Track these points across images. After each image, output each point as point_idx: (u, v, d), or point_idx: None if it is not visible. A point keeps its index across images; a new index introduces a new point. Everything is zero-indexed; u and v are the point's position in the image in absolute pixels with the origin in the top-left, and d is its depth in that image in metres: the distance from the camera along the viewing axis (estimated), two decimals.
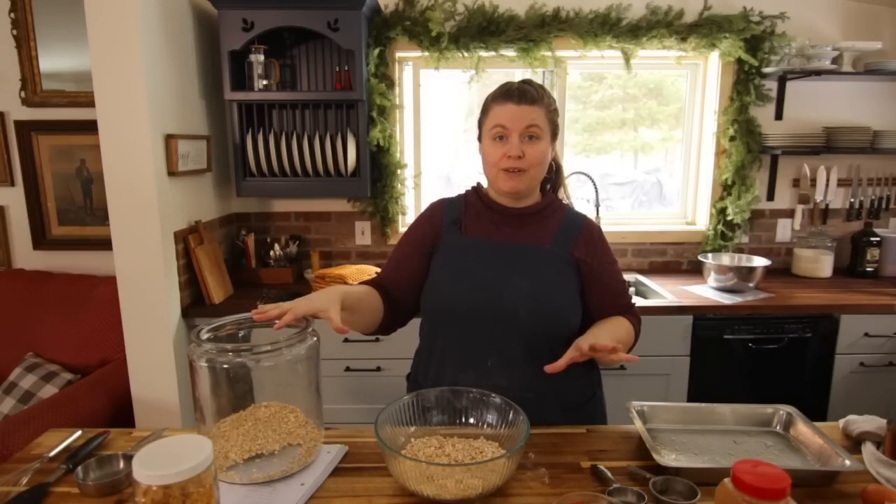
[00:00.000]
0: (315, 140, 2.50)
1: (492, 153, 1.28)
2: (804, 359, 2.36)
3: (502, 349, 1.25)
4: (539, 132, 1.25)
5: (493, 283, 1.26)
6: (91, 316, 2.50)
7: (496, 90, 1.30)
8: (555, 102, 1.32)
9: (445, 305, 1.29)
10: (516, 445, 0.99)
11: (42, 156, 2.70)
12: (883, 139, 2.63)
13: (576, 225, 1.35)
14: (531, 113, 1.25)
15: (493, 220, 1.34)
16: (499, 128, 1.26)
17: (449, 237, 1.35)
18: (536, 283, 1.26)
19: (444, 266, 1.32)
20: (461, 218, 1.36)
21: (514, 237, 1.32)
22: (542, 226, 1.33)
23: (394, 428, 1.11)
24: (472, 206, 1.38)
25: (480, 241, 1.32)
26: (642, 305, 2.36)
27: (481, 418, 1.14)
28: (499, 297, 1.25)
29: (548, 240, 1.31)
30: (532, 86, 1.27)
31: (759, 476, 0.76)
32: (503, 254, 1.30)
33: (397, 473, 0.98)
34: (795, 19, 2.65)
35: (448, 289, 1.29)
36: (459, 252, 1.32)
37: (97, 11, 1.95)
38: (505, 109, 1.26)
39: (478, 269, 1.28)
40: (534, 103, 1.25)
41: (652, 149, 3.05)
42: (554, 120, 1.30)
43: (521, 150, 1.25)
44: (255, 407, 1.12)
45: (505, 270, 1.27)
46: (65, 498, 1.01)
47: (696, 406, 1.27)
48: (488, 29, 2.60)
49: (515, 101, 1.25)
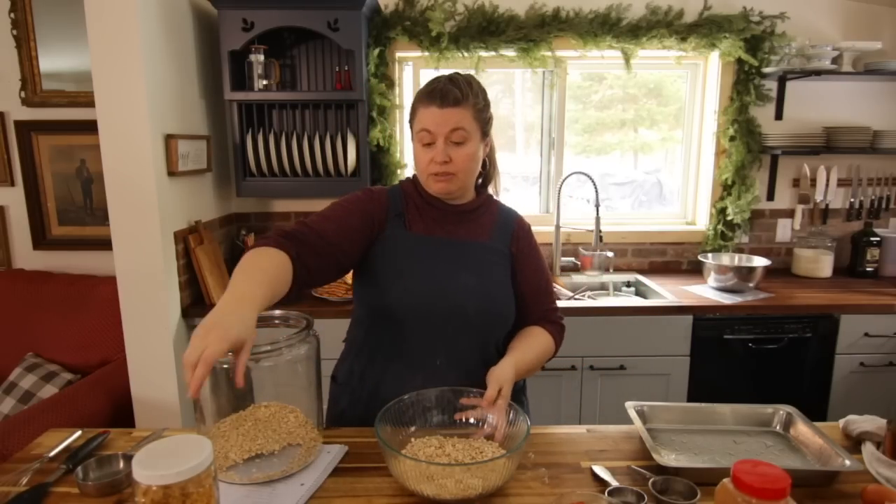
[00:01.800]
0: (315, 140, 2.50)
1: (420, 158, 1.25)
2: (804, 359, 2.36)
3: (451, 348, 1.24)
4: (465, 135, 1.21)
5: (441, 280, 1.24)
6: (91, 316, 2.50)
7: (422, 89, 1.24)
8: (484, 96, 1.26)
9: (391, 303, 1.23)
10: (516, 445, 0.99)
11: (42, 156, 2.70)
12: (883, 139, 2.63)
13: (510, 220, 1.36)
14: (455, 115, 1.19)
15: (434, 217, 1.31)
16: (424, 132, 1.22)
17: (392, 231, 1.28)
18: (483, 281, 1.26)
19: (389, 262, 1.26)
20: (404, 213, 1.31)
21: (456, 234, 1.30)
22: (481, 222, 1.33)
23: (394, 428, 1.11)
24: (412, 200, 1.32)
25: (425, 238, 1.29)
26: (642, 305, 2.36)
27: (481, 418, 1.14)
28: (447, 295, 1.23)
29: (487, 236, 1.32)
30: (457, 84, 1.21)
31: (759, 476, 0.76)
32: (448, 251, 1.28)
33: (397, 473, 0.98)
34: (795, 19, 2.65)
35: (394, 286, 1.24)
36: (404, 248, 1.28)
37: (97, 11, 1.95)
38: (429, 113, 1.20)
39: (424, 267, 1.26)
40: (458, 104, 1.19)
41: (652, 149, 3.05)
42: (483, 117, 1.25)
43: (448, 155, 1.21)
44: (255, 407, 1.12)
45: (452, 268, 1.26)
46: (65, 498, 1.01)
47: (696, 406, 1.27)
48: (488, 29, 2.60)
49: (438, 103, 1.19)
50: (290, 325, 1.17)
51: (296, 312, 1.17)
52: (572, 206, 3.01)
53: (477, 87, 1.25)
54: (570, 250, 2.87)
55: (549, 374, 2.28)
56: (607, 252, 2.74)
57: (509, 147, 3.02)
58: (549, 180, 2.95)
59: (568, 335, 1.37)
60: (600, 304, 2.39)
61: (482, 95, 1.26)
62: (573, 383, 2.31)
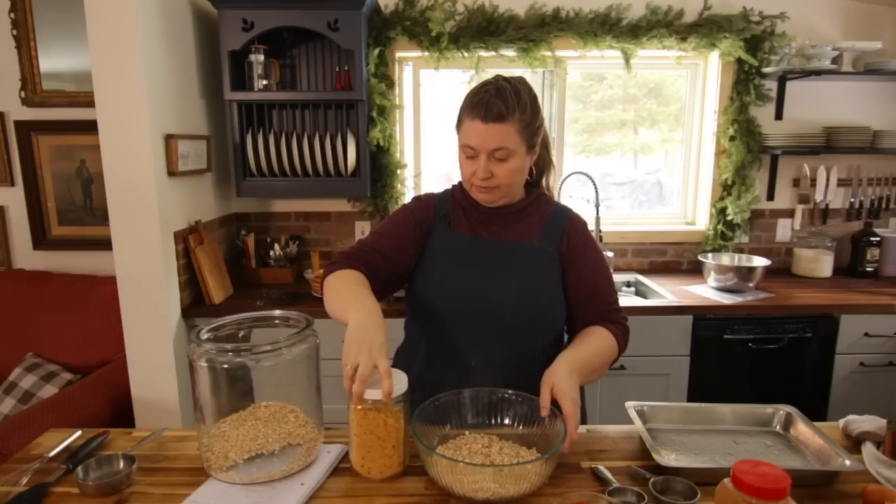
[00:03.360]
0: (315, 140, 2.50)
1: (464, 168, 1.25)
2: (804, 359, 2.36)
3: (486, 349, 1.24)
4: (508, 153, 1.19)
5: (480, 282, 1.25)
6: (91, 316, 2.50)
7: (469, 97, 1.22)
8: (533, 105, 1.22)
9: (429, 302, 1.27)
10: (552, 450, 0.98)
11: (42, 156, 2.70)
12: (883, 139, 2.63)
13: (562, 219, 1.32)
14: (500, 133, 1.17)
15: (478, 219, 1.32)
16: (468, 147, 1.21)
17: (438, 232, 1.32)
18: (523, 283, 1.25)
19: (433, 263, 1.30)
20: (449, 214, 1.34)
21: (502, 235, 1.30)
22: (529, 222, 1.31)
23: (435, 425, 1.12)
24: (458, 202, 1.35)
25: (468, 239, 1.30)
26: (642, 305, 2.36)
27: (517, 418, 1.15)
28: (485, 297, 1.23)
29: (535, 236, 1.30)
30: (503, 97, 1.17)
31: (759, 476, 0.76)
32: (490, 252, 1.28)
33: (432, 469, 0.99)
34: (795, 19, 2.65)
35: (435, 287, 1.27)
36: (447, 249, 1.30)
37: (97, 11, 1.95)
38: (473, 127, 1.18)
39: (465, 268, 1.27)
40: (502, 120, 1.16)
41: (652, 150, 3.05)
42: (530, 130, 1.22)
43: (490, 171, 1.20)
44: (255, 407, 1.12)
45: (492, 270, 1.26)
46: (65, 498, 1.01)
47: (696, 406, 1.27)
48: (488, 29, 2.60)
49: (482, 118, 1.17)
50: (291, 325, 1.17)
51: (296, 312, 1.17)
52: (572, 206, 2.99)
53: (526, 97, 1.21)
54: None
55: None
56: (607, 252, 2.74)
57: None
58: None
59: None
60: None
61: (530, 105, 1.21)
62: None
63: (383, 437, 1.02)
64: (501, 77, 1.23)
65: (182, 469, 1.09)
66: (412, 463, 1.10)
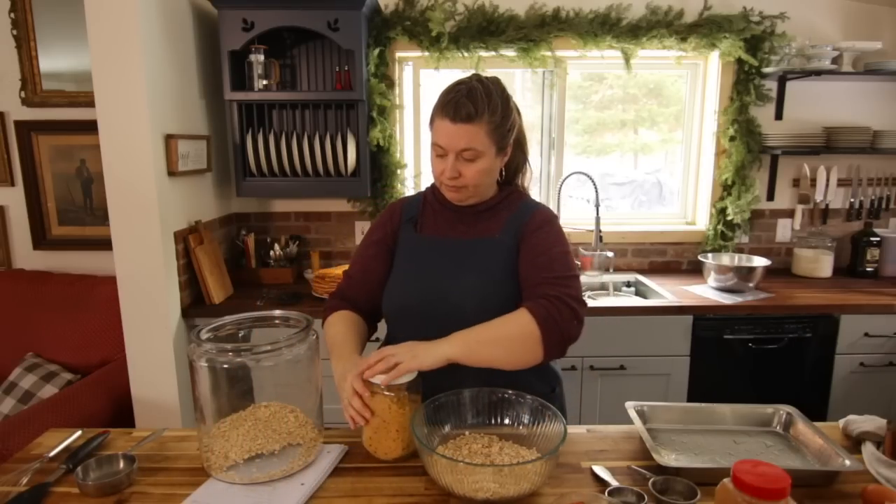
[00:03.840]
0: (315, 140, 2.50)
1: (434, 166, 1.26)
2: (804, 359, 2.36)
3: None
4: (476, 154, 1.19)
5: (442, 282, 1.25)
6: (91, 316, 2.50)
7: (441, 97, 1.21)
8: (504, 107, 1.21)
9: (399, 305, 1.28)
10: (552, 449, 0.98)
11: (42, 156, 2.70)
12: (883, 139, 2.63)
13: (527, 212, 1.30)
14: (468, 134, 1.17)
15: (448, 219, 1.33)
16: (437, 146, 1.22)
17: (404, 235, 1.34)
18: (485, 279, 1.24)
19: (398, 265, 1.32)
20: (417, 216, 1.35)
21: (467, 234, 1.30)
22: (496, 219, 1.31)
23: (430, 426, 1.11)
24: (429, 204, 1.36)
25: (433, 239, 1.31)
26: (642, 305, 2.36)
27: (517, 419, 1.15)
28: (447, 295, 1.23)
29: (497, 230, 1.30)
30: (473, 98, 1.17)
31: (759, 476, 0.76)
32: (454, 251, 1.29)
33: (432, 469, 0.99)
34: (795, 19, 2.65)
35: (400, 289, 1.29)
36: (412, 251, 1.32)
37: (97, 11, 1.95)
38: (443, 126, 1.19)
39: (428, 268, 1.28)
40: (471, 121, 1.16)
41: (652, 150, 3.05)
42: (500, 132, 1.21)
43: (458, 171, 1.21)
44: (255, 407, 1.12)
45: (454, 268, 1.26)
46: (65, 498, 1.01)
47: (696, 406, 1.27)
48: (488, 29, 2.60)
49: (451, 118, 1.17)
50: (291, 325, 1.17)
51: (296, 312, 1.18)
52: (572, 206, 3.01)
53: (497, 98, 1.20)
54: (571, 250, 2.86)
55: None
56: (607, 252, 2.74)
57: None
58: (549, 180, 2.95)
59: None
60: (600, 304, 2.39)
61: (502, 107, 1.21)
62: (573, 383, 2.31)
63: (388, 420, 1.08)
64: (476, 77, 1.23)
65: (182, 469, 1.10)
66: (412, 463, 1.10)
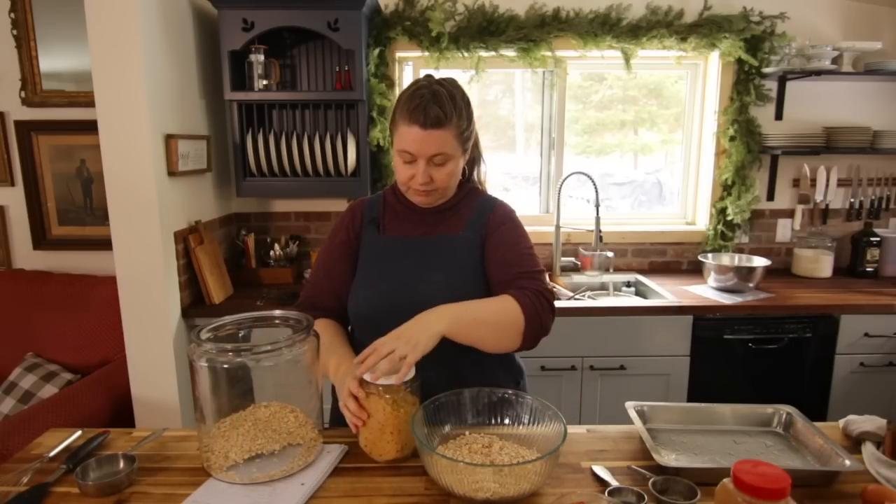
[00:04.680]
0: (315, 140, 2.50)
1: (401, 172, 1.24)
2: (804, 359, 2.36)
3: None
4: (446, 158, 1.21)
5: (409, 280, 1.25)
6: (91, 316, 2.50)
7: (404, 103, 1.20)
8: (467, 109, 1.23)
9: (367, 307, 1.27)
10: (552, 449, 0.97)
11: (42, 156, 2.70)
12: (883, 139, 2.63)
13: (488, 208, 1.32)
14: (438, 139, 1.18)
15: (411, 219, 1.33)
16: (405, 153, 1.21)
17: (367, 237, 1.33)
18: (452, 275, 1.25)
19: (362, 267, 1.31)
20: (378, 217, 1.34)
21: (431, 232, 1.31)
22: (458, 216, 1.32)
23: (430, 426, 1.11)
24: (390, 205, 1.36)
25: (397, 240, 1.31)
26: (642, 305, 2.36)
27: (517, 419, 1.15)
28: (415, 294, 1.23)
29: (461, 227, 1.30)
30: (440, 102, 1.17)
31: (759, 476, 0.76)
32: (418, 250, 1.29)
33: (432, 469, 0.98)
34: (795, 19, 2.65)
35: (366, 291, 1.27)
36: (376, 252, 1.31)
37: (97, 11, 1.95)
38: (411, 133, 1.18)
39: (394, 268, 1.28)
40: (440, 126, 1.17)
41: (651, 150, 3.05)
42: (465, 135, 1.23)
43: (430, 176, 1.21)
44: (255, 407, 1.12)
45: (420, 266, 1.26)
46: (65, 498, 1.01)
47: (696, 406, 1.27)
48: (488, 29, 2.60)
49: (421, 124, 1.16)
50: (291, 325, 1.17)
51: (296, 313, 1.17)
52: (572, 206, 3.01)
53: (461, 102, 1.22)
54: (570, 250, 2.87)
55: (549, 373, 2.28)
56: (607, 252, 2.74)
57: (509, 147, 3.03)
58: (549, 180, 2.95)
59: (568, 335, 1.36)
60: (600, 305, 2.39)
61: (465, 110, 1.23)
62: (573, 383, 2.31)
63: (382, 421, 1.08)
64: (433, 79, 1.23)
65: (182, 469, 1.09)
66: (412, 463, 1.10)
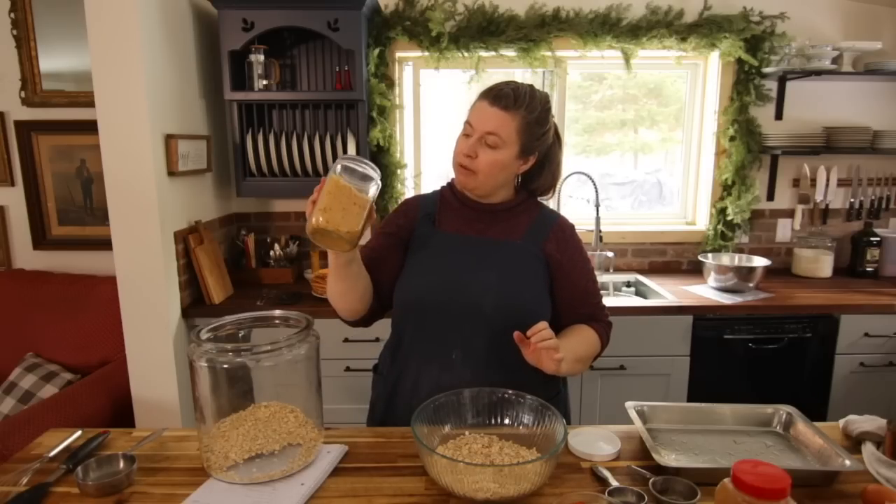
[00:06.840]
0: (315, 140, 2.50)
1: (458, 144, 1.28)
2: (804, 359, 2.36)
3: (467, 343, 1.25)
4: (498, 142, 1.21)
5: (461, 276, 1.26)
6: (91, 316, 2.50)
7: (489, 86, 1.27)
8: (538, 113, 1.24)
9: (413, 297, 1.29)
10: (553, 450, 0.97)
11: (42, 156, 2.70)
12: (883, 139, 2.63)
13: (548, 222, 1.34)
14: (499, 119, 1.21)
15: (466, 216, 1.34)
16: (467, 124, 1.25)
17: (422, 230, 1.34)
18: (504, 278, 1.26)
19: (415, 259, 1.32)
20: (435, 212, 1.36)
21: (486, 232, 1.32)
22: (515, 222, 1.33)
23: (434, 426, 1.11)
24: (447, 201, 1.37)
25: (452, 236, 1.32)
26: (642, 305, 2.36)
27: (517, 419, 1.15)
28: (466, 291, 1.24)
29: (519, 235, 1.31)
30: (517, 91, 1.22)
31: (759, 476, 0.76)
32: (473, 248, 1.30)
33: (432, 470, 0.98)
34: (795, 19, 2.65)
35: (416, 281, 1.29)
36: (430, 245, 1.32)
37: (97, 11, 1.95)
38: (478, 107, 1.24)
39: (447, 263, 1.29)
40: (506, 109, 1.21)
41: (652, 150, 3.05)
42: (530, 132, 1.23)
43: (475, 151, 1.23)
44: (255, 407, 1.12)
45: (474, 264, 1.27)
46: (65, 498, 1.01)
47: (696, 406, 1.27)
48: (488, 29, 2.60)
49: (490, 101, 1.22)
50: (291, 325, 1.17)
51: (296, 312, 1.18)
52: (572, 206, 3.01)
53: (538, 104, 1.24)
54: None
55: None
56: (607, 252, 2.74)
57: None
58: None
59: None
60: None
61: (540, 111, 1.24)
62: (573, 383, 2.31)
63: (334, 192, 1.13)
64: (529, 84, 1.28)
65: (182, 469, 1.10)
66: (412, 463, 1.10)
